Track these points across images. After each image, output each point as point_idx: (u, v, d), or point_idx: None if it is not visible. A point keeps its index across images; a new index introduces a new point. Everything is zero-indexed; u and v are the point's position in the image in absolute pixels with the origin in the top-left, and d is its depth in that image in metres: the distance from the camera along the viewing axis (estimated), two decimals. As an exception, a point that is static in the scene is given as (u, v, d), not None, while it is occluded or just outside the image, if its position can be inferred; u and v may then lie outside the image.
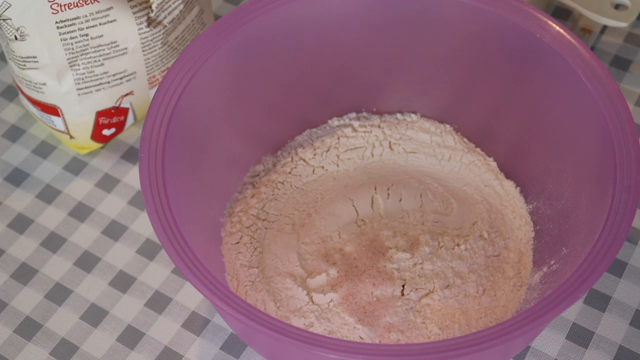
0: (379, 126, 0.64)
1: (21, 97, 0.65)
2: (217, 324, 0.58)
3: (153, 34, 0.61)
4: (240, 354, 0.57)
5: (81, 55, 0.60)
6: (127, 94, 0.64)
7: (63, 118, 0.63)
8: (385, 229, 0.57)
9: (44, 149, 0.67)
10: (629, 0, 0.66)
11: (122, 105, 0.64)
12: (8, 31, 0.58)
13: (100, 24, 0.59)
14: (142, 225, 0.62)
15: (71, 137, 0.64)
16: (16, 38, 0.58)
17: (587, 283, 0.46)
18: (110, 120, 0.64)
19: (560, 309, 0.44)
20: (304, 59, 0.60)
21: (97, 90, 0.62)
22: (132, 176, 0.65)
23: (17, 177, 0.65)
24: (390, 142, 0.63)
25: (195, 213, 0.54)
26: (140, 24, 0.60)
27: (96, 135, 0.65)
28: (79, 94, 0.62)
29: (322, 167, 0.62)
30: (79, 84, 0.61)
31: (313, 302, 0.55)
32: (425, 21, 0.59)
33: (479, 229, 0.58)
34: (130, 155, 0.66)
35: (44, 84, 0.61)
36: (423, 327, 0.54)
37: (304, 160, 0.62)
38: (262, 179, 0.61)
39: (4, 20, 0.57)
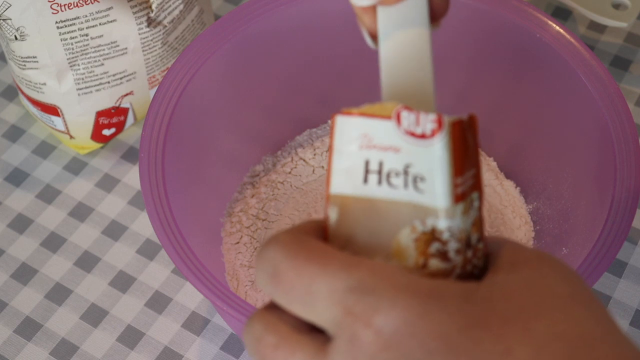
0: (379, 126, 0.63)
1: (21, 97, 0.65)
2: (217, 324, 0.58)
3: (153, 34, 0.61)
4: (240, 354, 0.57)
5: (81, 55, 0.60)
6: (127, 94, 0.64)
7: (63, 118, 0.63)
8: (385, 229, 0.57)
9: (44, 149, 0.67)
10: (629, 0, 0.66)
11: (122, 105, 0.64)
12: (8, 31, 0.58)
13: (100, 24, 0.59)
14: (142, 225, 0.62)
15: (71, 137, 0.64)
16: (16, 38, 0.58)
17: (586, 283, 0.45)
18: (110, 120, 0.64)
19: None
20: (303, 59, 0.60)
21: (97, 90, 0.62)
22: (132, 176, 0.65)
23: (17, 177, 0.65)
24: (390, 142, 0.63)
25: (195, 213, 0.54)
26: (140, 24, 0.60)
27: (96, 135, 0.65)
28: (79, 94, 0.62)
29: (322, 167, 0.62)
30: (79, 84, 0.61)
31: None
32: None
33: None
34: (130, 155, 0.66)
35: (44, 84, 0.61)
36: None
37: (304, 160, 0.62)
38: (262, 179, 0.61)
39: (4, 20, 0.57)
